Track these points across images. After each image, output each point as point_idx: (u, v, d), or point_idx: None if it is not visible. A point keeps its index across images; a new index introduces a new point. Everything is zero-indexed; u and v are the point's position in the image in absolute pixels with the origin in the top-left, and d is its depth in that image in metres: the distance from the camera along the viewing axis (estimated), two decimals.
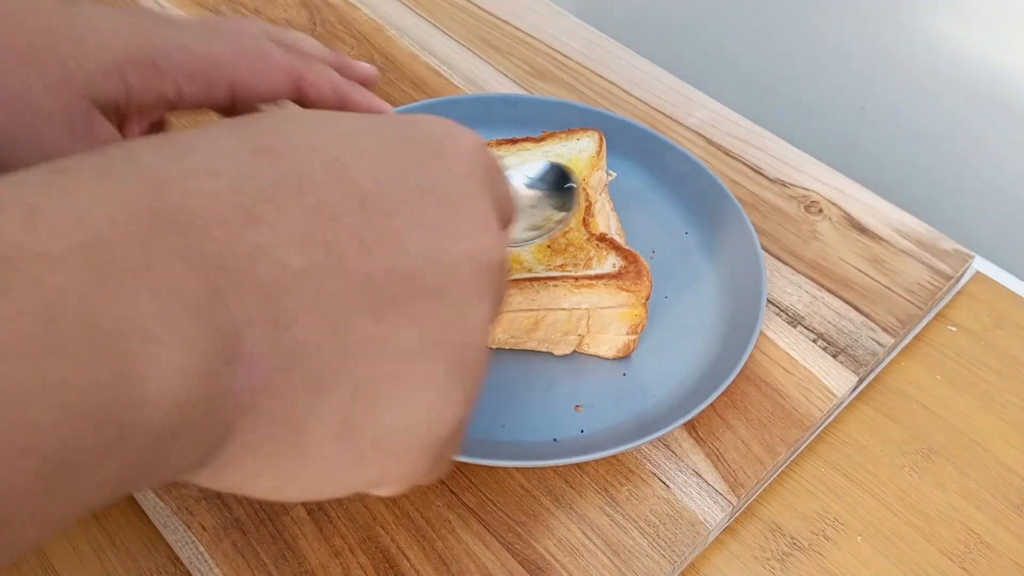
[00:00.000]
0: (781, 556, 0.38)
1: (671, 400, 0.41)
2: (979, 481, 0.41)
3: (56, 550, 0.38)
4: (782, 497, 0.40)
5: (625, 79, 0.59)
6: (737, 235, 0.46)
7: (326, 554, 0.37)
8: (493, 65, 0.60)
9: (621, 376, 0.42)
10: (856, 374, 0.43)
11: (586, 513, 0.38)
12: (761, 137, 0.55)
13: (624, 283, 0.41)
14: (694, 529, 0.38)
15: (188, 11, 0.63)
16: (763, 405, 0.42)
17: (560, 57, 0.61)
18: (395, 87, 0.58)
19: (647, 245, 0.47)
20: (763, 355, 0.44)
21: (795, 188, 0.52)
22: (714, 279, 0.46)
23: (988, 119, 0.68)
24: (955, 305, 0.48)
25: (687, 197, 0.49)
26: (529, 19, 0.63)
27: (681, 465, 0.40)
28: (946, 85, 0.70)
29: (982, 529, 0.39)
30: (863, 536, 0.39)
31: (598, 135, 0.48)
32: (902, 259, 0.48)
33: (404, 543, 0.37)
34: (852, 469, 0.41)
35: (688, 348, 0.43)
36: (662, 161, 0.51)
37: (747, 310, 0.43)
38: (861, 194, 0.51)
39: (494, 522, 0.38)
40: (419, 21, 0.63)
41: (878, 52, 0.73)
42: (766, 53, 0.82)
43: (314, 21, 0.63)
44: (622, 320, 0.41)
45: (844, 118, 0.79)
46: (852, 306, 0.46)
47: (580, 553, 0.37)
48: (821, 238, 0.49)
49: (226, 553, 0.37)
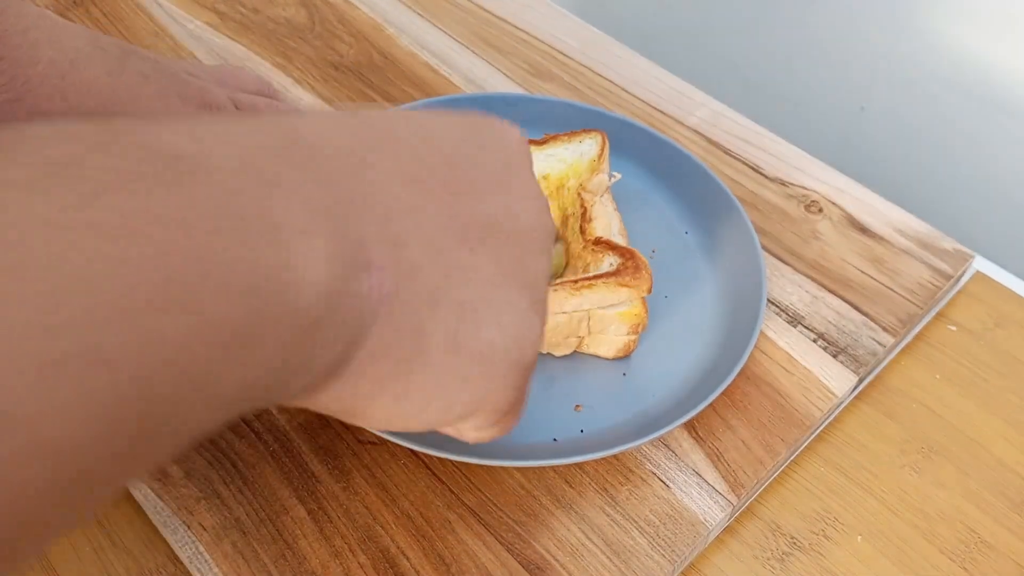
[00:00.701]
0: (781, 556, 0.38)
1: (671, 400, 0.41)
2: (979, 480, 0.41)
3: (56, 550, 0.38)
4: (782, 497, 0.40)
5: (625, 78, 0.59)
6: (737, 236, 0.46)
7: (326, 554, 0.37)
8: (492, 64, 0.60)
9: (621, 376, 0.42)
10: (856, 374, 0.43)
11: (586, 513, 0.38)
12: (761, 136, 0.55)
13: (623, 279, 0.40)
14: (694, 529, 0.37)
15: (188, 10, 0.63)
16: (763, 405, 0.42)
17: (560, 56, 0.60)
18: (394, 86, 0.58)
19: (648, 245, 0.47)
20: (763, 355, 0.44)
21: (795, 187, 0.52)
22: (714, 279, 0.46)
23: (988, 119, 0.68)
24: (955, 304, 0.48)
25: (688, 198, 0.49)
26: (529, 18, 0.63)
27: (681, 465, 0.40)
28: (946, 85, 0.70)
29: (982, 528, 0.39)
30: (863, 536, 0.39)
31: (601, 137, 0.47)
32: (902, 259, 0.48)
33: (404, 543, 0.37)
34: (852, 469, 0.41)
35: (688, 348, 0.43)
36: (664, 162, 0.51)
37: (747, 310, 0.43)
38: (861, 193, 0.51)
39: (494, 522, 0.38)
40: (418, 20, 0.63)
41: (878, 52, 0.73)
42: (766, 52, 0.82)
43: (313, 20, 0.63)
44: (622, 320, 0.41)
45: (844, 117, 0.79)
46: (852, 306, 0.46)
47: (580, 553, 0.37)
48: (821, 238, 0.49)
49: (226, 553, 0.36)
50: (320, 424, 0.40)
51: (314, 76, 0.59)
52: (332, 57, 0.60)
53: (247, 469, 0.39)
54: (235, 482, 0.39)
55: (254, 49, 0.60)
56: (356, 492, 0.38)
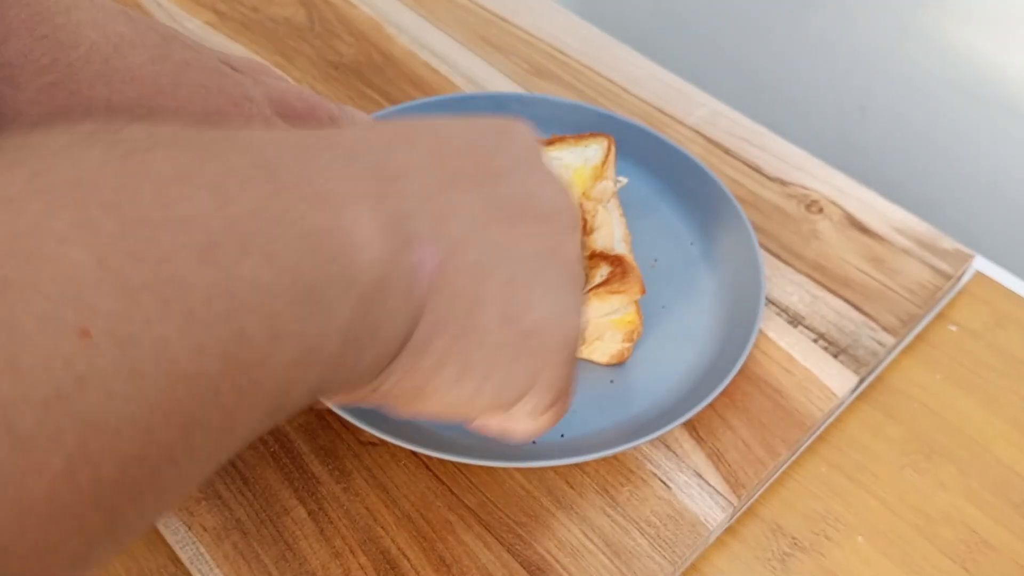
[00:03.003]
0: (782, 556, 0.38)
1: (671, 400, 0.41)
2: (980, 481, 0.41)
3: None
4: (783, 497, 0.40)
5: (625, 77, 0.59)
6: (741, 247, 0.46)
7: (327, 555, 0.37)
8: (492, 63, 0.60)
9: (619, 377, 0.42)
10: (857, 374, 0.43)
11: (587, 514, 0.38)
12: (761, 136, 0.55)
13: (612, 287, 0.41)
14: (695, 530, 0.37)
15: (187, 9, 0.63)
16: (764, 405, 0.42)
17: (559, 55, 0.60)
18: (394, 85, 0.58)
19: (651, 254, 0.47)
20: (764, 355, 0.44)
21: (795, 187, 0.52)
22: (715, 289, 0.46)
23: (988, 119, 0.68)
24: (956, 304, 0.48)
25: (697, 208, 0.49)
26: (528, 17, 0.63)
27: (682, 465, 0.40)
28: (946, 85, 0.70)
29: (983, 529, 0.39)
30: (864, 536, 0.39)
31: (607, 143, 0.47)
32: (903, 258, 0.48)
33: (405, 544, 0.37)
34: (853, 469, 0.41)
35: (685, 352, 0.43)
36: (673, 170, 0.50)
37: (746, 309, 0.43)
38: (862, 193, 0.51)
39: (495, 523, 0.38)
40: (418, 19, 0.63)
41: (878, 52, 0.73)
42: (766, 52, 0.82)
43: (312, 19, 0.63)
44: (617, 328, 0.41)
45: (844, 117, 0.79)
46: (853, 306, 0.46)
47: (581, 554, 0.37)
48: (821, 237, 0.49)
49: (227, 554, 0.36)
50: (320, 425, 0.40)
51: (314, 75, 0.59)
52: (332, 56, 0.60)
53: (248, 470, 0.39)
54: (236, 483, 0.38)
55: (253, 48, 0.60)
56: (357, 493, 0.38)
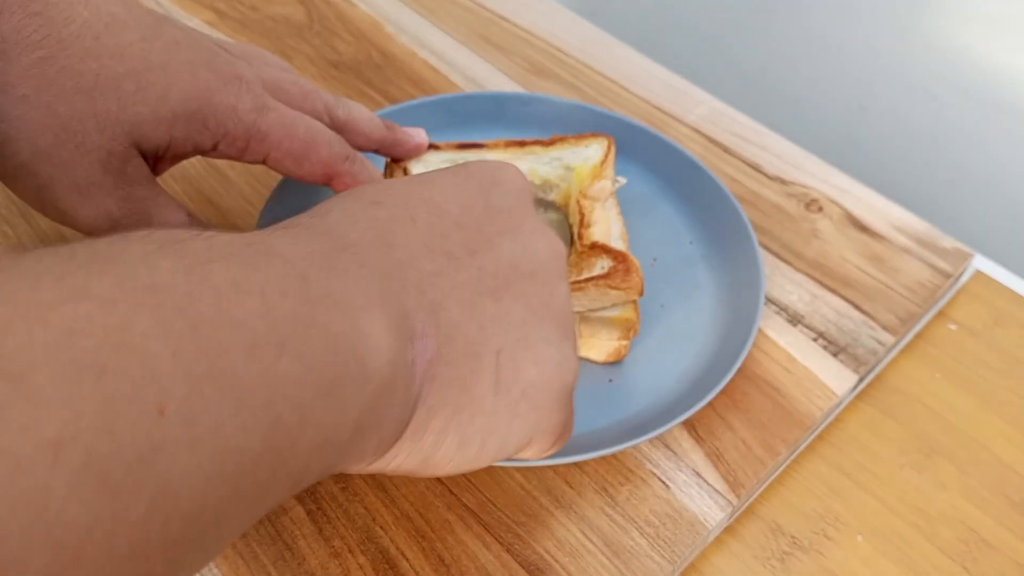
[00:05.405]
0: (782, 555, 0.38)
1: (670, 399, 0.41)
2: (980, 480, 0.41)
3: None
4: (782, 496, 0.40)
5: (624, 76, 0.59)
6: (740, 245, 0.46)
7: (325, 555, 0.37)
8: (492, 62, 0.60)
9: (618, 377, 0.42)
10: (856, 373, 0.43)
11: (586, 513, 0.38)
12: (761, 134, 0.55)
13: (613, 281, 0.40)
14: (694, 529, 0.37)
15: (186, 8, 0.63)
16: (763, 404, 0.41)
17: (559, 54, 0.60)
18: (393, 85, 0.58)
19: (650, 253, 0.47)
20: (763, 354, 0.43)
21: (795, 186, 0.52)
22: (714, 288, 0.46)
23: (988, 118, 0.68)
24: (955, 303, 0.48)
25: (697, 209, 0.49)
26: (528, 16, 0.63)
27: (681, 465, 0.40)
28: (946, 85, 0.70)
29: (983, 528, 0.39)
30: (863, 535, 0.39)
31: (607, 142, 0.47)
32: (902, 257, 0.48)
33: (404, 544, 0.37)
34: (853, 468, 0.41)
35: (684, 351, 0.43)
36: (672, 168, 0.50)
37: (746, 308, 0.43)
38: (861, 192, 0.51)
39: (494, 523, 0.38)
40: (417, 18, 0.63)
41: (878, 51, 0.73)
42: (766, 50, 0.82)
43: (311, 18, 0.63)
44: (613, 325, 0.41)
45: (844, 116, 0.79)
46: (852, 305, 0.46)
47: (580, 554, 0.37)
48: (821, 236, 0.49)
49: (225, 554, 0.36)
50: None
51: (313, 75, 0.59)
52: (331, 55, 0.60)
53: None
54: None
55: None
56: (355, 493, 0.38)
